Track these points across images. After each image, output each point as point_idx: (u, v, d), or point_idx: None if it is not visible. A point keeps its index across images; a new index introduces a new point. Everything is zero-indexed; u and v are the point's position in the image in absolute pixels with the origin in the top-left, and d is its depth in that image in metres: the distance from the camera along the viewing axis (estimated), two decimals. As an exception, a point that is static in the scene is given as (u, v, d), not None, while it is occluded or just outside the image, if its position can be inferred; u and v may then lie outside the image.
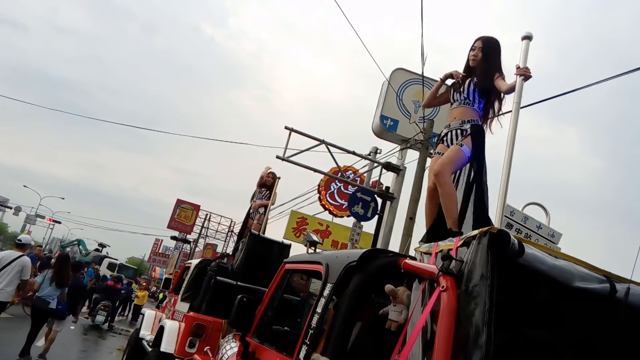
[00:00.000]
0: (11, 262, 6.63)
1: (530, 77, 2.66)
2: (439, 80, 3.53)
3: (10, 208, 43.52)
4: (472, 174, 3.11)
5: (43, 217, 47.61)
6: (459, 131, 3.24)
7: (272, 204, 8.06)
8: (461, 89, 3.33)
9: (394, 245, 9.28)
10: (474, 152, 3.08)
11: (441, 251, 1.92)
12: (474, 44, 3.42)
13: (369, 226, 11.07)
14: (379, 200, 10.09)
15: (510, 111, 2.64)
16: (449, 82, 3.47)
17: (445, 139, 3.33)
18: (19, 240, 7.19)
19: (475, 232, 1.73)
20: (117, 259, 36.04)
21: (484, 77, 3.23)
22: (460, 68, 3.45)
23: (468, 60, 3.44)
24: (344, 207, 14.20)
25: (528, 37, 2.66)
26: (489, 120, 3.36)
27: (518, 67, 2.67)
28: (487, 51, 3.34)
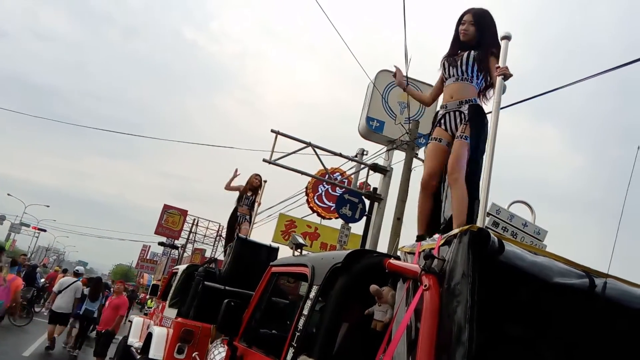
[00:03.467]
0: (69, 286, 9.75)
1: (510, 76, 2.68)
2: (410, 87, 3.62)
3: (-6, 217, 42.76)
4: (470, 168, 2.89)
5: (28, 226, 46.94)
6: (457, 113, 3.03)
7: (259, 205, 8.11)
8: (458, 63, 3.11)
9: (383, 246, 9.32)
10: (473, 143, 2.88)
11: (424, 250, 1.94)
12: (462, 17, 3.21)
13: (358, 228, 11.10)
14: (367, 202, 10.11)
15: (491, 112, 2.67)
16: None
17: (442, 121, 3.11)
18: (76, 270, 11.49)
19: (456, 230, 1.75)
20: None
21: (484, 50, 3.04)
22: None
23: (458, 35, 3.22)
24: (332, 209, 14.20)
25: (507, 37, 2.70)
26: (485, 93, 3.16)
27: (498, 67, 2.69)
28: (480, 24, 3.14)
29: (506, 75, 2.67)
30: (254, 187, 7.82)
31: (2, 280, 6.68)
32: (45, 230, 48.22)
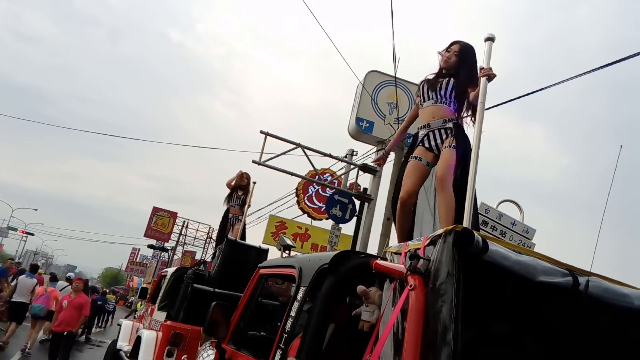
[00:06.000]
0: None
1: (494, 77, 2.69)
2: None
3: (-19, 221, 42.23)
4: (458, 175, 2.93)
5: (15, 230, 46.40)
6: (442, 130, 3.09)
7: (249, 206, 8.07)
8: (437, 87, 3.17)
9: (373, 246, 9.34)
10: (461, 152, 2.93)
11: (409, 251, 1.94)
12: (450, 46, 3.30)
13: (348, 228, 11.12)
14: (357, 202, 10.13)
15: (475, 114, 2.68)
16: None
17: (425, 139, 3.14)
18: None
19: (441, 231, 1.76)
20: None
21: (465, 80, 3.11)
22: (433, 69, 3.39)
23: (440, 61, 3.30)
24: (322, 209, 14.20)
25: (491, 39, 2.71)
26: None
27: (482, 68, 2.70)
28: (463, 58, 3.23)
29: (490, 77, 2.69)
30: (244, 185, 7.77)
31: (43, 291, 9.77)
32: (33, 234, 47.75)
